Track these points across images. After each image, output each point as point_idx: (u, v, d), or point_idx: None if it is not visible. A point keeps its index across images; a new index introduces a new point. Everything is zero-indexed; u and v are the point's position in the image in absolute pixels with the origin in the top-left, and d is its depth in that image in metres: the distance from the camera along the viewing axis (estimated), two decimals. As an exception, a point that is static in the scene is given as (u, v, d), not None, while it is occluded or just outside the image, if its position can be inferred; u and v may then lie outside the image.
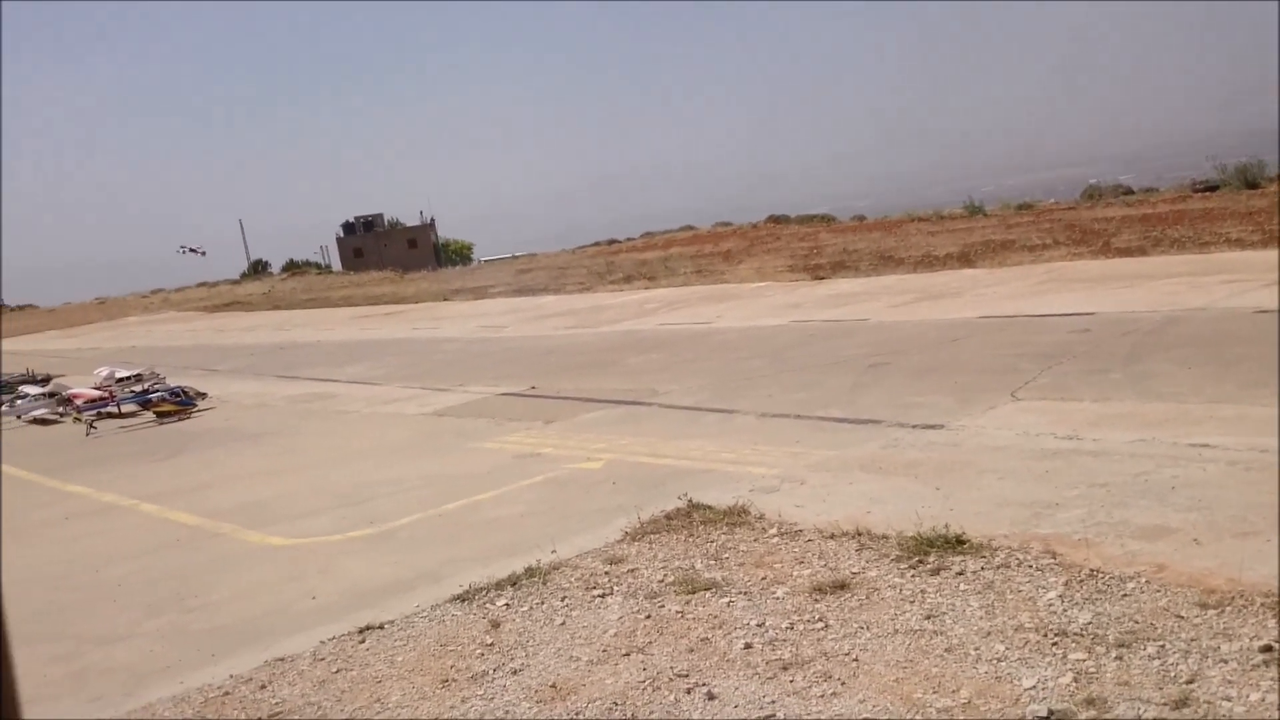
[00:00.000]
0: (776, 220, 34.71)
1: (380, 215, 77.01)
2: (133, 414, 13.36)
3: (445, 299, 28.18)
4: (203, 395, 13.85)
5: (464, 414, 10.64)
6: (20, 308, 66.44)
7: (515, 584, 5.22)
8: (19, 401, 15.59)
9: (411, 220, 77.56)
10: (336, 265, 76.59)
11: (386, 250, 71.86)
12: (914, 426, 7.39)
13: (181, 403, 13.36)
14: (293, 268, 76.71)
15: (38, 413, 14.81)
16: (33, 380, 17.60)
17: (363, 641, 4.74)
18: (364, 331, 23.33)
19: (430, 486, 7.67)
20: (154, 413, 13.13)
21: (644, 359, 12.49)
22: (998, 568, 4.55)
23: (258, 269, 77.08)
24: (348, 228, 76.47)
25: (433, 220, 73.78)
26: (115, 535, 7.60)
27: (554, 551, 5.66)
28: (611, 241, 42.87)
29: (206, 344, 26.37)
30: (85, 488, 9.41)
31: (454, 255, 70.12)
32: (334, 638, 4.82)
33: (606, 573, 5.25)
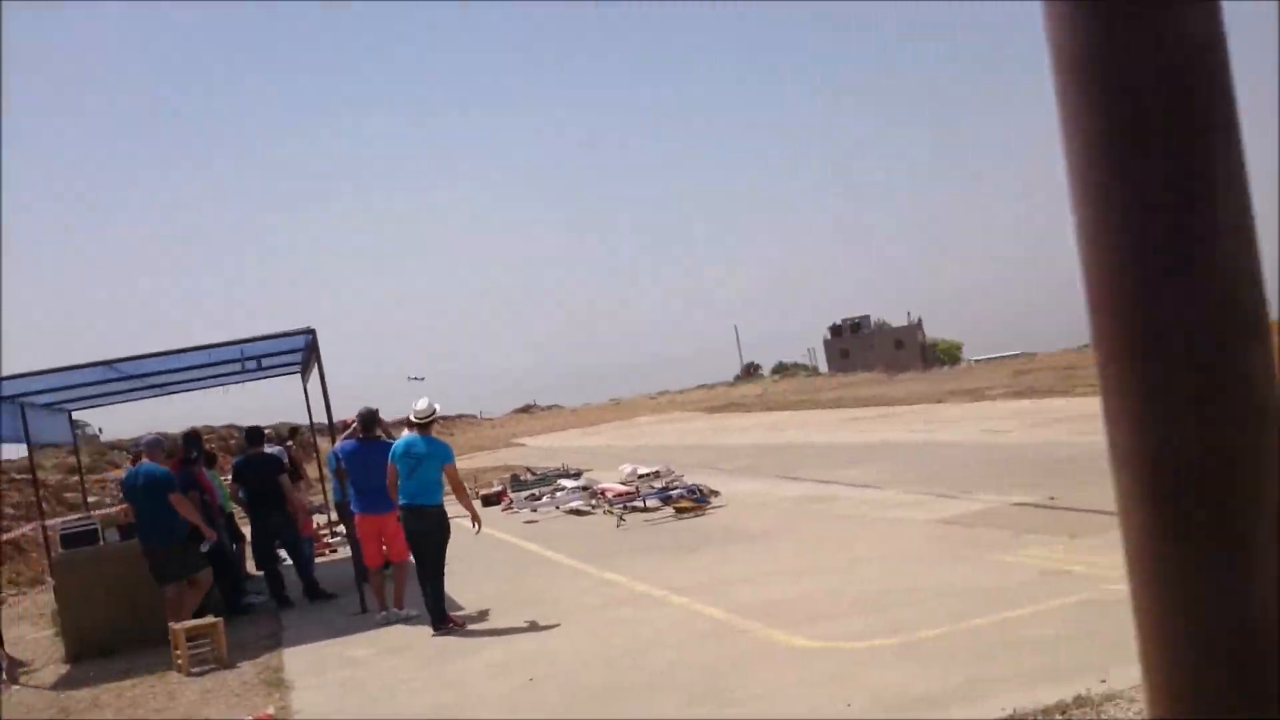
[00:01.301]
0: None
1: (866, 317, 78.28)
2: (655, 509, 14.41)
3: (939, 401, 27.77)
4: (715, 493, 14.65)
5: (975, 523, 10.30)
6: (548, 408, 74.82)
7: (1064, 712, 4.91)
8: (558, 493, 17.40)
9: (898, 320, 77.83)
10: (823, 367, 78.70)
11: (872, 351, 72.55)
12: None
13: (697, 500, 14.21)
14: (782, 369, 79.87)
15: (574, 504, 16.44)
16: (567, 474, 19.63)
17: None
18: (858, 434, 23.53)
19: (952, 598, 7.47)
20: (673, 508, 14.07)
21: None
22: None
23: (750, 371, 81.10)
24: (835, 330, 78.53)
25: (920, 320, 73.29)
26: (651, 624, 8.15)
27: (1104, 681, 5.25)
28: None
29: (708, 443, 27.96)
30: (620, 576, 10.22)
31: (942, 355, 69.35)
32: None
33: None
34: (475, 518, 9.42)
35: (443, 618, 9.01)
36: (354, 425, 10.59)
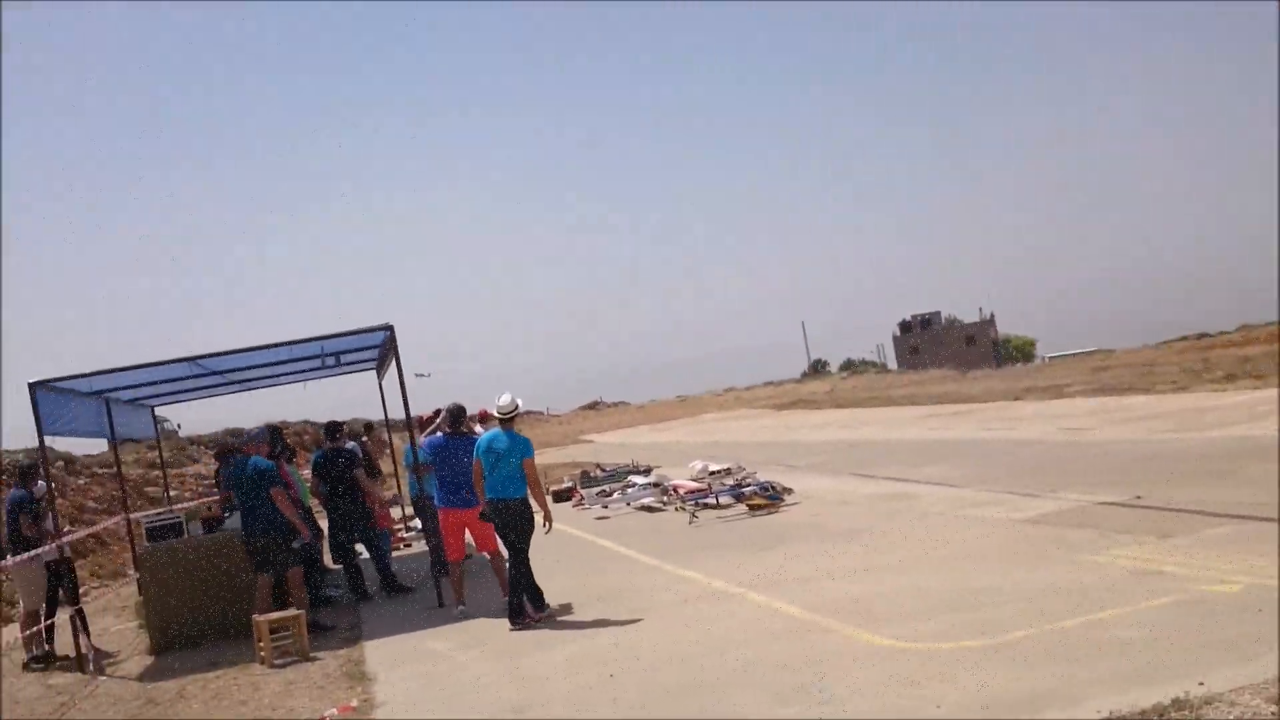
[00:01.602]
0: None
1: (937, 313, 77.19)
2: (727, 506, 14.32)
3: (1016, 398, 27.25)
4: (789, 490, 14.52)
5: (1060, 522, 10.07)
6: (615, 404, 75.00)
7: (1162, 715, 4.75)
8: (629, 490, 17.38)
9: (969, 317, 76.65)
10: (892, 364, 77.77)
11: (943, 348, 71.54)
12: None
13: (770, 497, 14.09)
14: (850, 366, 79.13)
15: (645, 500, 16.41)
16: (638, 470, 19.60)
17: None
18: (933, 431, 23.20)
19: (1039, 598, 7.28)
20: (746, 505, 13.97)
21: (1268, 468, 11.04)
22: None
23: (817, 368, 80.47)
24: (904, 326, 77.56)
25: (992, 316, 72.14)
26: (730, 621, 8.07)
27: (1202, 684, 5.08)
28: (1202, 335, 39.02)
29: (779, 440, 27.77)
30: (696, 573, 10.16)
31: (1015, 352, 68.14)
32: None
33: (1273, 713, 4.60)
34: (547, 515, 9.43)
35: (522, 613, 9.03)
36: (439, 420, 10.66)
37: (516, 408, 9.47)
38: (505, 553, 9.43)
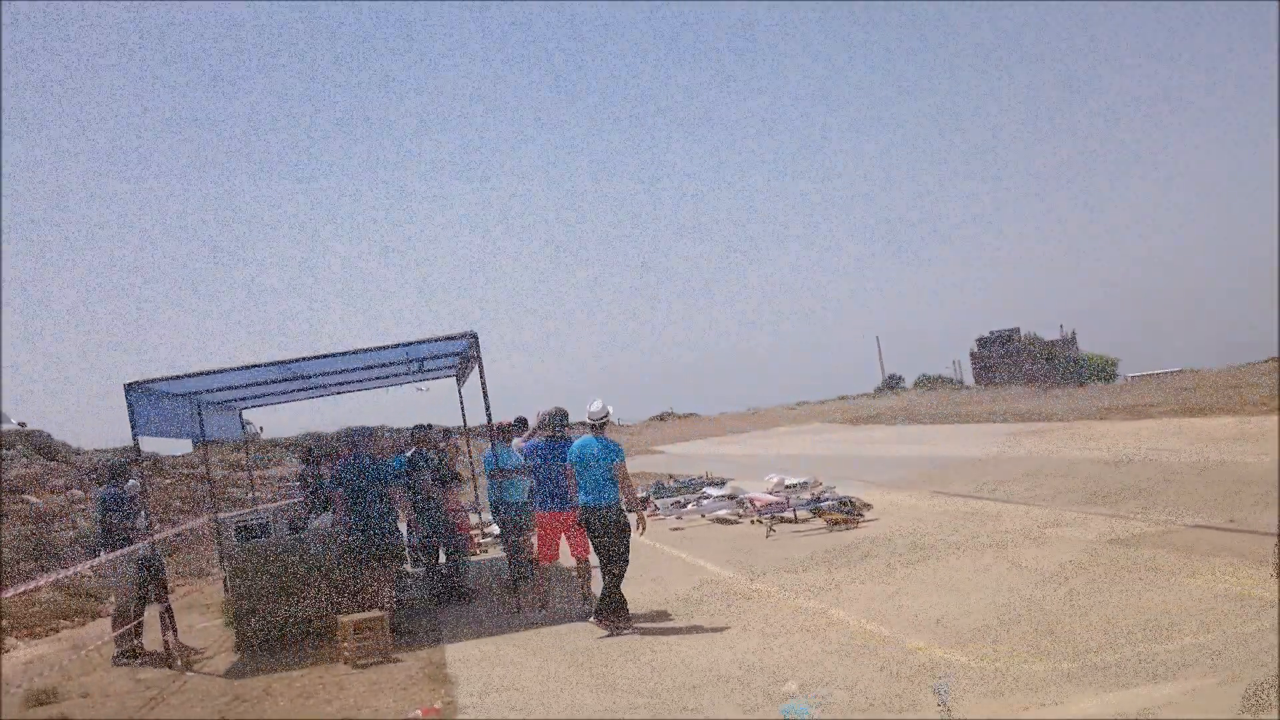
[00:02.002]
0: None
1: (1016, 329, 75.92)
2: (805, 520, 14.24)
3: (1100, 417, 26.73)
4: (867, 506, 14.39)
5: (1150, 544, 9.81)
6: (685, 415, 74.93)
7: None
8: (703, 501, 17.36)
9: (1050, 334, 75.30)
10: (968, 380, 76.60)
11: (1022, 365, 70.37)
12: None
13: (847, 513, 13.97)
14: (925, 382, 78.11)
15: (720, 512, 16.38)
16: (712, 482, 19.57)
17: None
18: (1013, 449, 22.83)
19: (1132, 620, 7.12)
20: (825, 520, 13.87)
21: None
22: None
23: (891, 384, 79.60)
24: (982, 342, 76.40)
25: (1073, 334, 70.73)
26: (810, 636, 8.01)
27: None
28: (1290, 356, 37.89)
29: (854, 455, 27.53)
30: (774, 587, 10.12)
31: (1096, 370, 66.74)
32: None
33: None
34: (641, 519, 9.52)
35: (608, 618, 9.09)
36: (538, 424, 10.79)
37: (607, 414, 9.59)
38: (593, 560, 9.53)
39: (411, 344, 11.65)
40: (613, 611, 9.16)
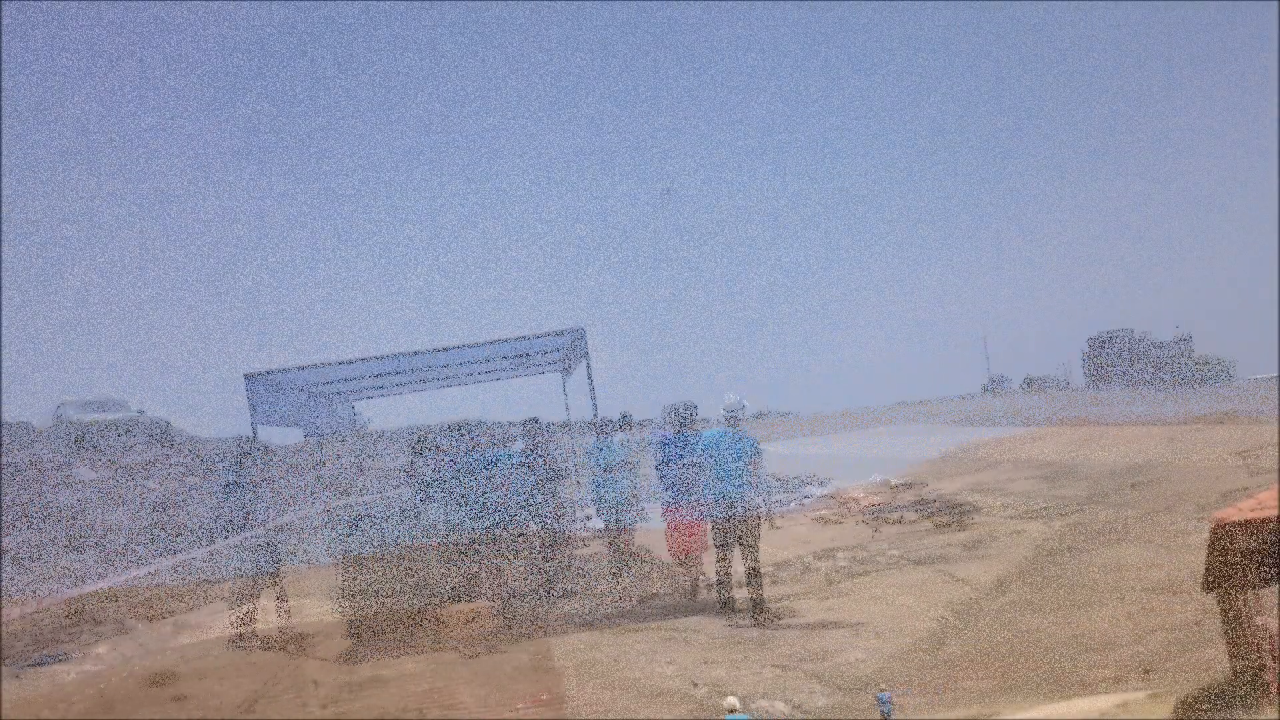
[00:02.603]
0: None
1: (1129, 329, 73.59)
2: (911, 521, 14.02)
3: (1218, 422, 25.75)
4: (976, 508, 14.11)
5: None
6: (783, 415, 74.38)
7: None
8: (805, 500, 17.24)
9: (1164, 335, 72.89)
10: (1077, 381, 74.58)
11: (1133, 366, 68.32)
12: None
13: (954, 514, 13.72)
14: (1032, 383, 76.26)
15: (822, 511, 16.22)
16: (814, 482, 19.42)
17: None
18: (1129, 455, 22.13)
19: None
20: (931, 521, 13.63)
21: None
22: None
23: (997, 383, 77.97)
24: (1093, 342, 74.24)
25: (1189, 335, 68.33)
26: (927, 633, 7.88)
27: None
28: None
29: (958, 456, 26.99)
30: (886, 588, 9.97)
31: (1210, 373, 64.40)
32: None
33: None
34: (770, 514, 9.46)
35: (735, 610, 9.08)
36: (666, 418, 10.79)
37: (743, 408, 9.50)
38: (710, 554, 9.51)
39: (521, 339, 11.77)
40: (743, 603, 9.13)
